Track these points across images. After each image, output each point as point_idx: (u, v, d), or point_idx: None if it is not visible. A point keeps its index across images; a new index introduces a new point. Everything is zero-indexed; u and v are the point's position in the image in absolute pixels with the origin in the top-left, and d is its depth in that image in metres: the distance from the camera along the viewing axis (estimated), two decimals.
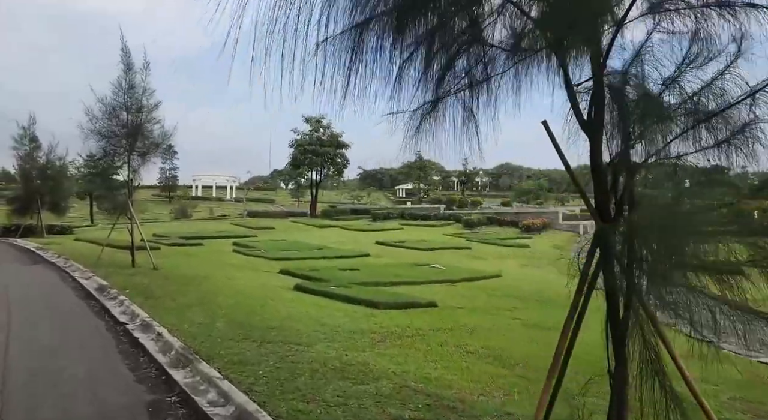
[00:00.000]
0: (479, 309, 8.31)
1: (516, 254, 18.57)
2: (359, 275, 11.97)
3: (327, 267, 13.32)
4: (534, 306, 8.92)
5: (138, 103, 10.15)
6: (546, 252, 20.80)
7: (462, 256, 17.24)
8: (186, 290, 8.38)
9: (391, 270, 13.08)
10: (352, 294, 8.83)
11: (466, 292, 10.44)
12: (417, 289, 10.62)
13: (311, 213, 37.07)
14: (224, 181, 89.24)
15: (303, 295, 9.04)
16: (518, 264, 15.79)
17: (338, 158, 37.27)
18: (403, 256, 16.78)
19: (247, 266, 13.14)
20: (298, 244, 19.46)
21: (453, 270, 13.58)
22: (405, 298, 8.83)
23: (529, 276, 13.28)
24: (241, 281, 10.09)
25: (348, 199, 77.13)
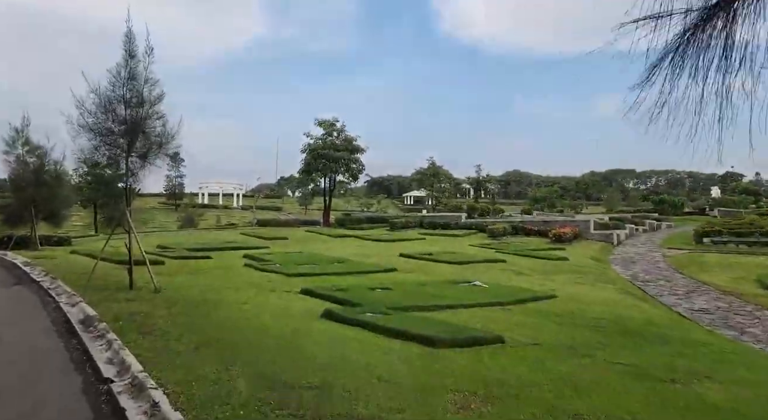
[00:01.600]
0: (558, 346, 6.69)
1: (558, 269, 16.89)
2: (394, 296, 10.38)
3: (354, 285, 11.74)
4: (620, 341, 7.29)
5: (139, 96, 8.66)
6: (588, 265, 19.12)
7: (499, 270, 15.60)
8: (193, 322, 6.84)
9: (428, 289, 11.48)
10: (398, 325, 7.24)
11: (526, 319, 8.81)
12: (466, 314, 9.02)
13: (325, 222, 35.59)
14: (231, 189, 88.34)
15: (336, 325, 7.47)
16: (567, 281, 14.11)
17: (353, 163, 35.81)
18: (433, 270, 15.18)
19: (262, 284, 11.59)
20: (316, 257, 17.91)
21: (498, 289, 11.95)
22: (462, 330, 7.22)
23: (586, 296, 11.62)
24: (258, 306, 8.54)
25: (357, 206, 75.88)
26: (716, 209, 68.97)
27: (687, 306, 11.98)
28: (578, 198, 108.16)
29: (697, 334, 8.39)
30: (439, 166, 67.88)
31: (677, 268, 20.25)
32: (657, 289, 14.56)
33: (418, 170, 70.04)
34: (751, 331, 9.38)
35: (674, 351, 6.64)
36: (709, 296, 13.56)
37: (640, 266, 20.73)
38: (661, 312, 10.78)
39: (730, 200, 77.91)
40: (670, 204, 71.82)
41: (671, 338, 7.54)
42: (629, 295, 12.64)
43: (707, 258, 22.58)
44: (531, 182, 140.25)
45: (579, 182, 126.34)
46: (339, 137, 35.53)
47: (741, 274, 18.34)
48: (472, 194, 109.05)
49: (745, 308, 11.89)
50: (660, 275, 18.15)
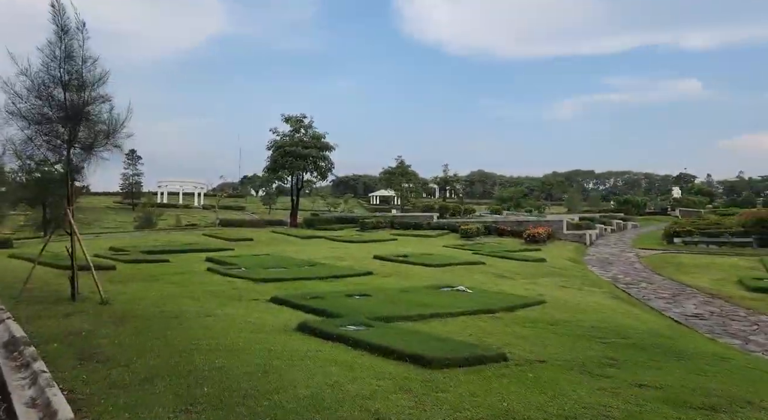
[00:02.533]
0: (567, 364, 5.93)
1: (540, 271, 16.31)
2: (374, 304, 9.50)
3: (329, 292, 10.80)
4: (630, 355, 6.60)
5: (79, 77, 7.49)
6: (567, 267, 18.65)
7: (480, 273, 14.89)
8: (146, 343, 5.80)
9: (410, 296, 10.63)
10: (385, 341, 6.35)
11: (521, 329, 8.05)
12: (455, 324, 8.23)
13: (292, 222, 34.37)
14: (191, 188, 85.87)
15: (315, 341, 6.53)
16: (552, 284, 13.49)
17: (321, 161, 34.65)
18: (411, 274, 14.35)
19: (227, 292, 10.52)
20: (285, 260, 16.85)
21: (484, 294, 11.20)
22: (459, 346, 6.38)
23: (576, 302, 10.98)
24: (224, 320, 7.51)
25: (324, 206, 74.77)
26: (677, 209, 70.68)
27: (678, 311, 11.49)
28: (541, 198, 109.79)
29: (707, 345, 7.80)
30: (407, 165, 67.23)
31: (654, 269, 20.02)
32: (642, 293, 14.10)
33: (387, 169, 69.24)
34: (754, 340, 8.88)
35: (695, 368, 5.97)
36: (697, 300, 13.16)
37: (617, 267, 20.42)
38: (656, 319, 10.22)
39: (691, 200, 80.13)
40: (633, 204, 73.20)
41: (683, 351, 6.89)
42: (618, 300, 12.09)
43: (682, 259, 22.49)
44: (495, 182, 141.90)
45: (545, 182, 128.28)
46: (307, 134, 34.34)
47: (720, 275, 18.17)
48: (437, 194, 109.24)
49: (737, 313, 11.48)
50: (639, 277, 17.82)
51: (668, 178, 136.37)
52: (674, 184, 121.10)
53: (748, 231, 28.16)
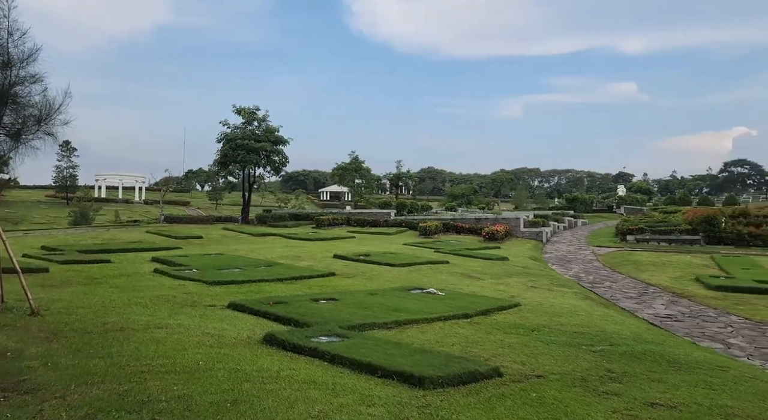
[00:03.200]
0: (566, 379, 5.48)
1: (505, 270, 16.03)
2: (343, 310, 8.82)
3: (292, 296, 10.03)
4: (627, 366, 6.23)
5: (4, 53, 6.42)
6: (530, 266, 18.51)
7: (447, 274, 14.44)
8: (88, 365, 4.94)
9: (379, 299, 10.01)
10: (365, 356, 5.71)
11: (504, 337, 7.59)
12: (434, 332, 7.69)
13: (244, 218, 33.05)
14: (132, 182, 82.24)
15: (286, 357, 5.81)
16: (521, 285, 13.17)
17: (275, 155, 33.43)
18: (376, 275, 13.73)
19: (179, 298, 9.58)
20: (239, 260, 15.88)
21: (456, 297, 10.72)
22: (449, 360, 5.81)
23: (550, 304, 10.66)
24: (179, 332, 6.66)
25: (274, 202, 73.18)
26: (622, 207, 73.19)
27: (650, 312, 11.37)
28: (490, 195, 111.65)
29: (695, 351, 7.54)
30: (361, 161, 66.39)
31: (613, 267, 20.20)
32: (610, 293, 14.02)
33: (340, 165, 68.19)
34: (734, 343, 8.75)
35: (698, 380, 5.61)
36: (663, 299, 13.16)
37: (577, 266, 20.49)
38: (633, 321, 10.00)
39: (634, 198, 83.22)
40: (581, 201, 75.20)
41: (677, 360, 6.57)
42: (590, 301, 11.87)
43: (638, 256, 22.86)
44: (445, 179, 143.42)
45: (495, 180, 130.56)
46: (260, 127, 33.06)
47: (677, 273, 18.47)
48: (389, 191, 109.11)
49: (707, 313, 11.47)
50: (601, 276, 17.87)
51: (608, 176, 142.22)
52: (614, 182, 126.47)
53: (696, 229, 29.10)
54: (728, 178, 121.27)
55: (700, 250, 26.26)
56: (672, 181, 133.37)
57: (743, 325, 10.15)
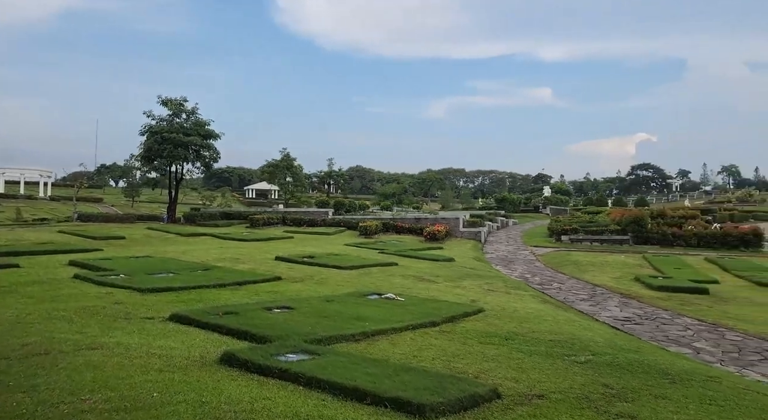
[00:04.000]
0: (569, 398, 5.09)
1: (456, 272, 15.74)
2: (301, 320, 8.07)
3: (241, 304, 9.13)
4: (618, 377, 5.94)
5: None
6: (478, 267, 18.39)
7: (400, 277, 13.92)
8: (5, 405, 3.95)
9: (338, 307, 9.32)
10: (346, 377, 5.04)
11: (482, 347, 7.15)
12: (407, 344, 7.13)
13: (170, 217, 31.07)
14: (36, 176, 76.11)
15: (253, 381, 5.02)
16: (477, 288, 12.89)
17: (206, 150, 31.61)
18: (325, 278, 12.99)
19: (109, 309, 8.45)
20: (172, 263, 14.63)
21: (416, 303, 10.21)
22: (438, 380, 5.25)
23: (514, 309, 10.39)
24: (118, 354, 5.68)
25: (198, 200, 70.28)
26: (548, 207, 76.07)
27: (608, 315, 11.38)
28: (419, 195, 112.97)
29: (676, 360, 7.43)
30: (292, 158, 64.82)
31: (555, 267, 20.51)
32: (562, 295, 14.04)
33: (270, 162, 66.29)
34: (700, 347, 8.80)
35: (701, 395, 5.38)
36: (615, 301, 13.31)
37: (521, 267, 20.64)
38: (599, 326, 9.90)
39: (558, 199, 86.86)
40: (510, 201, 77.38)
41: (665, 370, 6.36)
42: (549, 305, 11.75)
43: (577, 257, 23.44)
44: (373, 178, 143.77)
45: (425, 179, 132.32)
46: (189, 120, 31.15)
47: (617, 273, 18.99)
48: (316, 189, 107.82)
49: (660, 315, 11.63)
50: (546, 276, 18.02)
51: (528, 177, 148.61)
52: (534, 183, 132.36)
53: (625, 229, 30.39)
54: (635, 181, 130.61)
55: (630, 249, 27.41)
56: (586, 182, 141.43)
57: (700, 327, 10.31)
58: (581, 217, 41.64)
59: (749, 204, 69.86)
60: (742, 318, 11.58)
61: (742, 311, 12.62)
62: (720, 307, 13.07)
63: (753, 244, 29.48)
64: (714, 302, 13.71)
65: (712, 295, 14.73)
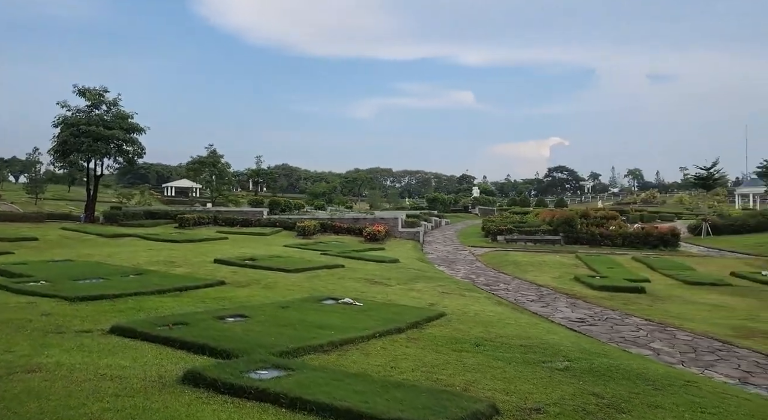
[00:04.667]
0: (566, 411, 4.95)
1: (406, 274, 15.52)
2: (261, 330, 7.53)
3: (190, 313, 8.41)
4: (604, 386, 5.91)
5: None
6: (424, 268, 18.29)
7: (350, 280, 13.51)
8: None
9: (296, 314, 8.80)
10: (332, 396, 4.63)
11: (458, 355, 6.92)
12: (380, 354, 6.79)
13: (88, 217, 28.88)
14: None
15: (227, 404, 4.50)
16: (431, 290, 12.71)
17: (129, 145, 29.63)
18: (273, 283, 12.37)
19: (36, 322, 7.52)
20: (100, 268, 13.46)
21: (375, 308, 9.87)
22: (432, 396, 4.93)
23: (473, 312, 10.28)
24: (62, 377, 4.96)
25: (114, 198, 66.48)
26: (477, 207, 78.05)
27: (562, 316, 11.53)
28: (349, 194, 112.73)
29: (646, 363, 7.52)
30: (219, 155, 62.62)
31: (496, 268, 20.80)
32: (511, 295, 14.15)
33: (196, 159, 63.68)
34: (657, 348, 9.02)
35: (690, 402, 5.39)
36: (563, 301, 13.56)
37: (463, 267, 20.77)
38: (560, 329, 9.95)
39: (486, 199, 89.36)
40: (441, 202, 78.66)
41: (644, 375, 6.38)
42: (505, 307, 11.75)
43: (515, 257, 23.93)
44: (300, 176, 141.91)
45: (356, 178, 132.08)
46: (110, 112, 29.05)
47: (556, 273, 19.50)
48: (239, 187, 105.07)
49: (610, 315, 11.93)
50: (490, 277, 18.20)
51: (453, 178, 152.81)
52: (458, 183, 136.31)
53: (557, 230, 31.50)
54: (551, 183, 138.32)
55: (562, 249, 28.40)
56: (507, 183, 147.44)
57: (650, 327, 10.63)
58: (512, 218, 42.79)
59: (653, 205, 75.09)
60: (683, 317, 12.11)
61: (681, 310, 13.22)
62: (660, 305, 13.64)
63: (671, 243, 31.40)
64: (653, 301, 14.31)
65: (648, 294, 15.38)
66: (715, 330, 10.50)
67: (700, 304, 14.43)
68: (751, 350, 8.83)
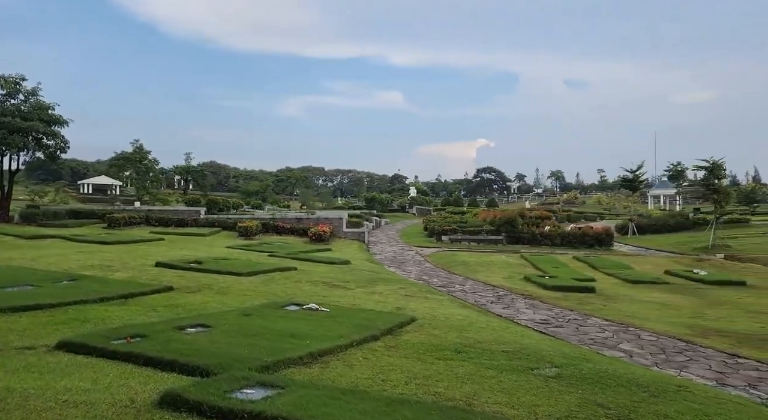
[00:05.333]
0: None
1: (363, 277, 15.16)
2: (229, 340, 6.98)
3: (143, 324, 7.70)
4: (605, 395, 5.84)
5: None
6: (378, 271, 18.01)
7: (307, 283, 13.01)
8: None
9: (261, 323, 8.27)
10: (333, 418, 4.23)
11: (446, 365, 6.68)
12: (363, 365, 6.44)
13: (2, 216, 26.53)
14: None
15: None
16: (394, 293, 12.43)
17: (50, 138, 27.45)
18: (227, 288, 11.68)
19: None
20: (26, 273, 12.25)
21: (342, 312, 9.47)
22: (448, 415, 4.64)
23: (443, 316, 10.07)
24: (18, 408, 4.28)
25: (25, 195, 62.08)
26: (414, 207, 78.83)
27: (525, 318, 11.58)
28: (281, 193, 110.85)
29: (628, 368, 7.56)
30: (146, 151, 59.56)
31: (446, 268, 20.85)
32: (471, 297, 14.13)
33: (120, 154, 60.31)
34: (628, 349, 9.16)
35: (695, 411, 5.34)
36: (522, 302, 13.67)
37: (413, 268, 20.68)
38: (531, 332, 9.91)
39: (423, 199, 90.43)
40: (379, 201, 78.83)
41: (636, 381, 6.32)
42: (471, 310, 11.66)
43: (463, 257, 24.13)
44: (229, 174, 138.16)
45: (290, 177, 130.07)
46: (28, 102, 26.77)
47: (506, 273, 19.78)
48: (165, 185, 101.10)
49: (570, 316, 12.11)
50: (443, 278, 18.18)
51: (385, 177, 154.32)
52: (390, 183, 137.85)
53: (499, 229, 32.15)
54: (480, 183, 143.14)
55: (505, 249, 29.01)
56: (438, 183, 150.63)
57: (613, 327, 10.85)
58: (452, 218, 43.36)
59: (575, 205, 78.81)
60: (639, 316, 12.49)
61: (633, 309, 13.66)
62: (613, 305, 14.04)
63: (606, 242, 32.85)
64: (605, 300, 14.72)
65: (598, 293, 15.85)
66: (673, 329, 10.87)
67: (647, 302, 15.01)
68: (715, 350, 9.15)
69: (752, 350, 9.33)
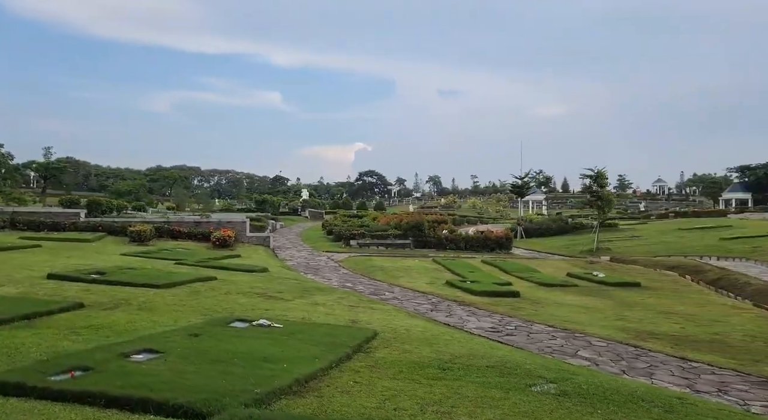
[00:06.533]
0: None
1: (292, 286, 14.28)
2: (192, 368, 6.11)
3: (76, 353, 6.52)
4: (603, 411, 5.76)
5: None
6: (302, 279, 17.21)
7: (237, 294, 11.96)
8: None
9: (216, 345, 7.38)
10: None
11: (447, 387, 6.30)
12: (358, 391, 5.92)
13: None
14: None
15: None
16: (338, 304, 11.78)
17: None
18: (148, 302, 10.39)
19: None
20: None
21: (297, 329, 8.76)
22: None
23: (403, 329, 9.62)
24: None
25: None
26: (307, 210, 77.85)
27: (475, 326, 11.52)
28: (157, 194, 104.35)
29: (610, 380, 7.60)
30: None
31: (366, 274, 20.50)
32: (408, 305, 13.85)
33: None
34: (591, 357, 9.33)
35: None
36: (460, 310, 13.64)
37: (332, 274, 20.10)
38: (491, 343, 9.83)
39: (316, 202, 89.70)
40: (270, 204, 76.86)
41: (633, 395, 6.37)
42: (423, 320, 11.37)
43: (378, 262, 23.92)
44: (90, 172, 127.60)
45: (166, 176, 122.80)
46: None
47: (427, 278, 19.85)
48: (35, 183, 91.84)
49: (514, 323, 12.25)
50: (367, 285, 17.79)
51: (266, 179, 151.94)
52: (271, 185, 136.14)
53: (407, 233, 32.44)
54: (362, 186, 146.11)
55: (414, 253, 29.33)
56: (320, 186, 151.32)
57: (561, 334, 11.08)
58: (353, 221, 43.17)
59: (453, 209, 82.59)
60: (573, 320, 12.97)
61: (561, 313, 14.18)
62: (543, 309, 14.51)
63: (505, 246, 34.40)
64: (532, 305, 15.18)
65: (522, 297, 16.34)
66: (613, 334, 11.38)
67: (570, 305, 15.71)
68: (665, 354, 9.65)
69: (693, 352, 9.98)
